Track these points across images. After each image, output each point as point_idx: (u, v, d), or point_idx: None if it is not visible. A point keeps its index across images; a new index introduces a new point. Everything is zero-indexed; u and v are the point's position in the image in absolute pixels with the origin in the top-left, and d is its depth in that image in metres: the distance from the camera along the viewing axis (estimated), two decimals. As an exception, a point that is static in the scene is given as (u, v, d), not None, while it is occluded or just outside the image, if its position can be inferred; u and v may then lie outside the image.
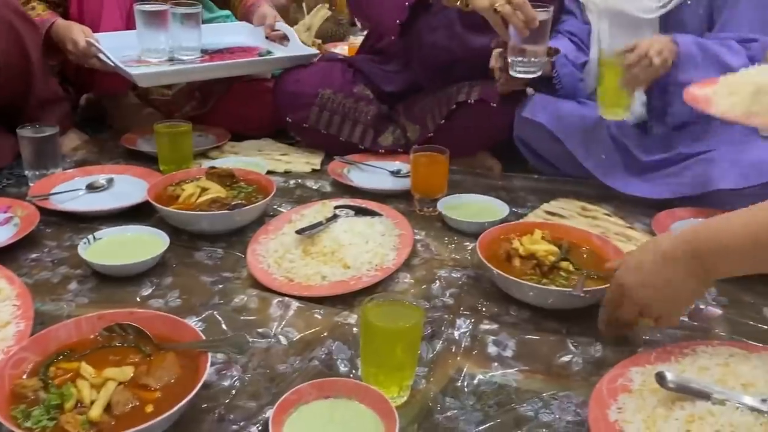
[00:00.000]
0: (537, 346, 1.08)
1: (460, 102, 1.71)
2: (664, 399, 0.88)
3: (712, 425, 0.83)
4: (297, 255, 1.25)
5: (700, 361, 0.96)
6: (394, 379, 0.93)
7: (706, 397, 0.86)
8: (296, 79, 1.83)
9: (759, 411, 0.84)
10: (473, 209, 1.53)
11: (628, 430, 0.86)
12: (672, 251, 0.95)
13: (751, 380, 0.90)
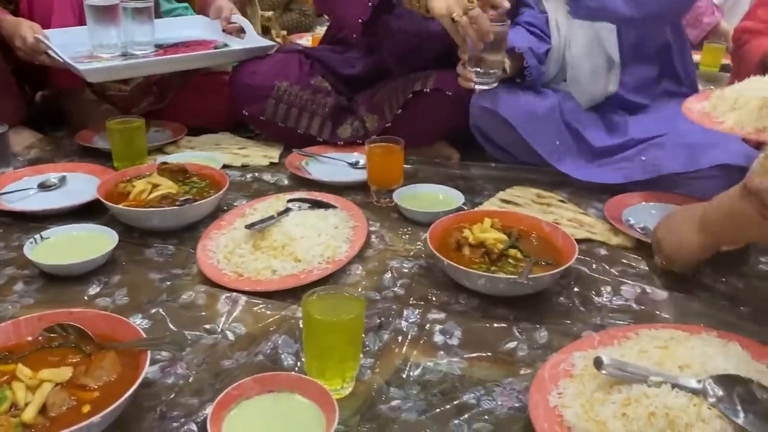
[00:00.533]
0: (483, 333, 1.09)
1: (417, 91, 1.71)
2: (603, 383, 0.89)
3: (647, 407, 0.84)
4: (247, 250, 1.24)
5: (641, 345, 0.98)
6: (336, 371, 0.93)
7: (642, 380, 0.87)
8: (252, 71, 1.81)
9: (694, 392, 0.85)
10: (429, 199, 1.53)
11: (567, 414, 0.87)
12: (692, 213, 1.18)
13: (688, 362, 0.91)
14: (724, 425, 0.82)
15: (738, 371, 0.89)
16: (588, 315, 1.14)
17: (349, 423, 0.90)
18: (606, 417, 0.84)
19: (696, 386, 0.86)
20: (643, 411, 0.83)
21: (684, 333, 1.01)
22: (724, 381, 0.86)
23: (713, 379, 0.86)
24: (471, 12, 1.41)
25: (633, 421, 0.83)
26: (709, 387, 0.85)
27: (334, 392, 0.94)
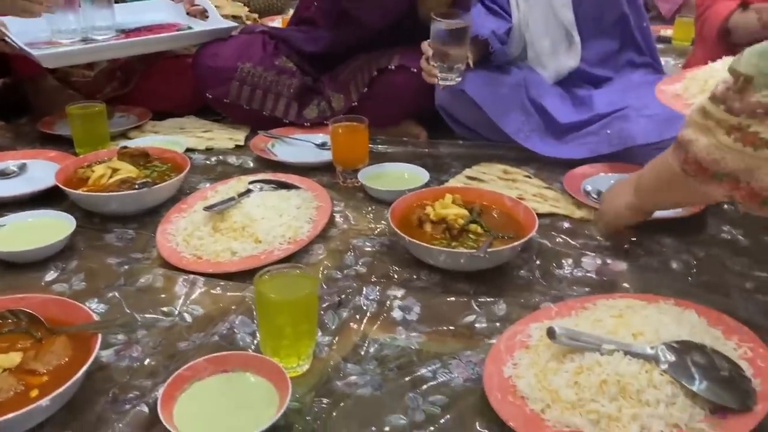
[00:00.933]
0: (442, 308, 1.09)
1: (382, 68, 1.69)
2: (557, 353, 0.90)
3: (599, 375, 0.84)
4: (206, 232, 1.23)
5: (596, 314, 0.98)
6: (291, 350, 0.93)
7: (595, 348, 0.88)
8: (214, 53, 1.79)
9: (646, 358, 0.86)
10: (395, 178, 1.52)
11: (520, 384, 0.88)
12: (630, 178, 1.18)
13: (641, 329, 0.91)
14: (675, 390, 0.82)
15: (692, 338, 0.90)
16: (548, 287, 1.14)
17: (304, 400, 0.90)
18: (558, 386, 0.85)
19: (648, 353, 0.86)
20: (595, 379, 0.84)
21: (641, 302, 1.02)
22: (676, 347, 0.87)
23: (666, 345, 0.87)
24: None
25: (585, 389, 0.83)
26: (661, 353, 0.86)
27: (290, 370, 0.94)
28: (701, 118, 0.89)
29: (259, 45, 1.82)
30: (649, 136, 1.50)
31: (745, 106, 0.83)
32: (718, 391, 0.82)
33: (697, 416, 0.81)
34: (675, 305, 1.01)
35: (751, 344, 0.92)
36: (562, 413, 0.82)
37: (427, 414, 0.87)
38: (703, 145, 0.89)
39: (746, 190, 0.86)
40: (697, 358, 0.86)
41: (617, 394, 0.82)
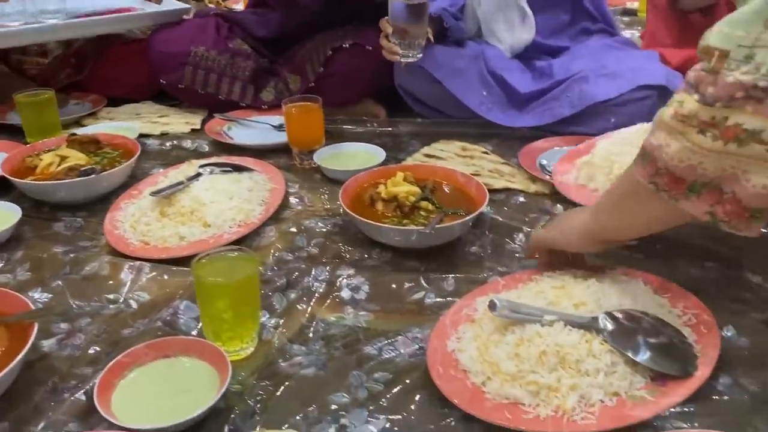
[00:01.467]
0: (391, 286, 1.08)
1: (336, 47, 1.67)
2: (500, 326, 0.89)
3: (539, 346, 0.83)
4: (153, 217, 1.22)
5: (540, 286, 0.97)
6: (234, 333, 0.92)
7: (537, 320, 0.87)
8: (166, 38, 1.76)
9: (585, 328, 0.85)
10: (351, 158, 1.51)
11: (462, 357, 0.87)
12: (586, 207, 1.00)
13: (583, 300, 0.91)
14: (615, 359, 0.82)
15: (635, 306, 0.90)
16: (498, 262, 1.14)
17: (246, 382, 0.89)
18: (499, 358, 0.84)
19: (588, 322, 0.86)
20: (535, 350, 0.83)
21: (586, 273, 1.00)
22: (617, 316, 0.87)
23: (607, 314, 0.87)
24: None
25: (525, 360, 0.83)
26: (602, 322, 0.86)
27: (234, 353, 0.93)
28: (671, 118, 0.73)
29: (212, 28, 1.79)
30: (609, 93, 1.51)
31: (720, 90, 0.68)
32: (658, 359, 0.82)
33: (638, 384, 0.81)
34: (621, 275, 1.01)
35: (696, 311, 0.92)
36: (502, 385, 0.82)
37: (369, 391, 0.87)
38: (674, 151, 0.74)
39: (731, 203, 0.72)
40: (638, 326, 0.86)
41: (557, 365, 0.82)
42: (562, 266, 1.02)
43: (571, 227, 0.97)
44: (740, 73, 0.66)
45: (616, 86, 1.51)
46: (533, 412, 0.79)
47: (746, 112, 0.67)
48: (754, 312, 0.98)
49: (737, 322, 0.94)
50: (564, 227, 0.99)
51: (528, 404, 0.80)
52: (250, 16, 1.85)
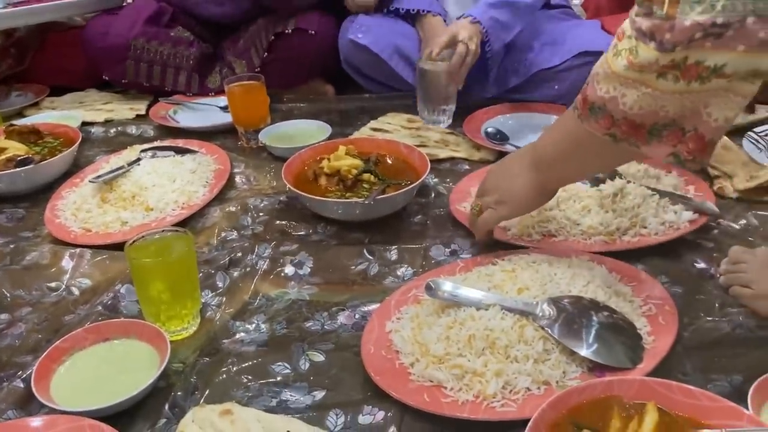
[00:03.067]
0: (335, 259, 1.08)
1: (279, 33, 1.66)
2: (438, 308, 0.88)
3: (469, 329, 0.82)
4: (94, 204, 1.20)
5: (489, 270, 0.96)
6: (172, 312, 0.92)
7: (476, 303, 0.86)
8: (103, 31, 1.69)
9: (522, 314, 0.83)
10: (297, 134, 1.50)
11: (396, 338, 0.87)
12: (521, 157, 0.97)
13: (528, 284, 0.89)
14: (549, 346, 0.80)
15: (586, 293, 0.88)
16: (441, 232, 1.15)
17: (188, 361, 0.89)
18: (429, 340, 0.83)
19: (525, 308, 0.84)
20: (464, 333, 0.82)
21: (549, 257, 0.98)
22: (561, 303, 0.84)
23: (550, 300, 0.85)
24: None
25: (453, 343, 0.82)
26: (540, 309, 0.83)
27: (175, 333, 0.93)
28: (625, 68, 0.73)
29: (152, 15, 1.73)
30: (552, 60, 1.55)
31: (678, 34, 0.67)
32: (599, 349, 0.80)
33: (572, 374, 0.79)
34: (588, 260, 0.97)
35: (660, 301, 0.89)
36: (427, 367, 0.81)
37: (311, 361, 0.88)
38: (632, 101, 0.74)
39: (693, 140, 0.74)
40: (582, 314, 0.83)
41: (485, 349, 0.80)
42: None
43: (519, 194, 0.96)
44: (696, 14, 0.66)
45: (559, 55, 1.55)
46: (453, 396, 0.78)
47: (706, 49, 0.67)
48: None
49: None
50: (509, 197, 0.97)
51: (450, 388, 0.78)
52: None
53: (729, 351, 0.86)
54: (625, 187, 1.11)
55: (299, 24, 1.66)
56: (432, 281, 0.88)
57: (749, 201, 1.17)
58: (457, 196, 1.21)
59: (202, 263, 1.08)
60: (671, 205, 1.09)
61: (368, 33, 1.63)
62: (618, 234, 1.06)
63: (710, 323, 0.91)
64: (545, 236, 1.08)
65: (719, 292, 0.97)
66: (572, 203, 1.11)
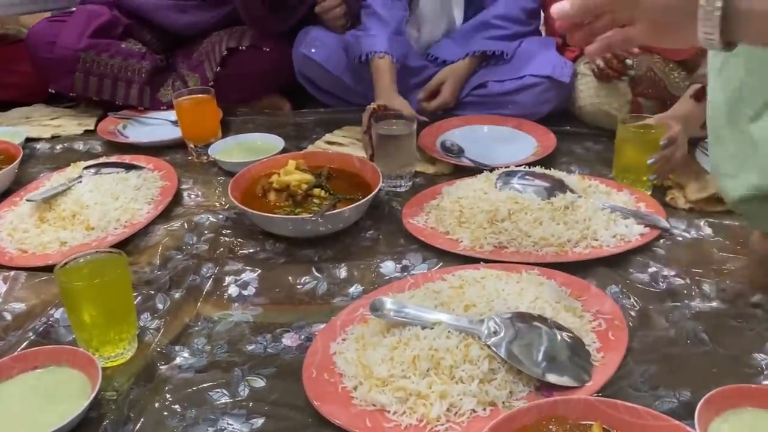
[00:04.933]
0: (282, 277, 1.05)
1: (232, 48, 1.62)
2: (384, 327, 0.85)
3: (413, 349, 0.79)
4: (31, 224, 1.16)
5: (437, 286, 0.93)
6: (105, 338, 0.87)
7: (420, 322, 0.83)
8: (50, 41, 1.62)
9: (469, 332, 0.81)
10: (249, 149, 1.47)
11: (339, 360, 0.84)
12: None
13: (475, 301, 0.87)
14: (495, 365, 0.78)
15: (532, 310, 0.86)
16: (392, 247, 1.12)
17: (122, 389, 0.85)
18: (373, 361, 0.80)
19: (471, 326, 0.81)
20: (409, 354, 0.79)
21: (498, 272, 0.96)
22: (508, 320, 0.82)
23: (497, 318, 0.82)
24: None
25: (398, 364, 0.79)
26: (486, 327, 0.81)
27: (110, 359, 0.89)
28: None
29: (102, 24, 1.67)
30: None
31: None
32: (547, 367, 0.78)
33: (520, 393, 0.77)
34: (539, 275, 0.96)
35: (610, 316, 0.88)
36: (370, 390, 0.78)
37: (251, 387, 0.84)
38: None
39: None
40: (529, 331, 0.81)
41: (429, 370, 0.78)
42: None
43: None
44: None
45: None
46: (396, 420, 0.75)
47: None
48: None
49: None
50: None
51: (393, 412, 0.76)
52: (160, 2, 1.74)
53: (678, 364, 0.85)
54: (576, 201, 1.10)
55: (253, 40, 1.63)
56: (377, 300, 0.86)
57: (701, 211, 1.17)
58: (410, 210, 1.19)
59: (143, 284, 1.04)
60: (622, 219, 1.08)
61: (322, 48, 1.61)
62: (569, 246, 1.05)
63: (660, 336, 0.90)
64: (497, 248, 1.07)
65: (670, 304, 0.96)
66: (524, 215, 1.09)
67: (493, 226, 1.08)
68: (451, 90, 1.53)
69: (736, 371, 0.83)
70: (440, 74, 1.56)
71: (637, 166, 1.22)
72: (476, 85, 1.57)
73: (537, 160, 1.34)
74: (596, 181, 1.21)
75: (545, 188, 1.14)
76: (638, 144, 1.22)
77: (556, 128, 1.49)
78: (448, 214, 1.14)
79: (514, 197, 1.12)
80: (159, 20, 1.74)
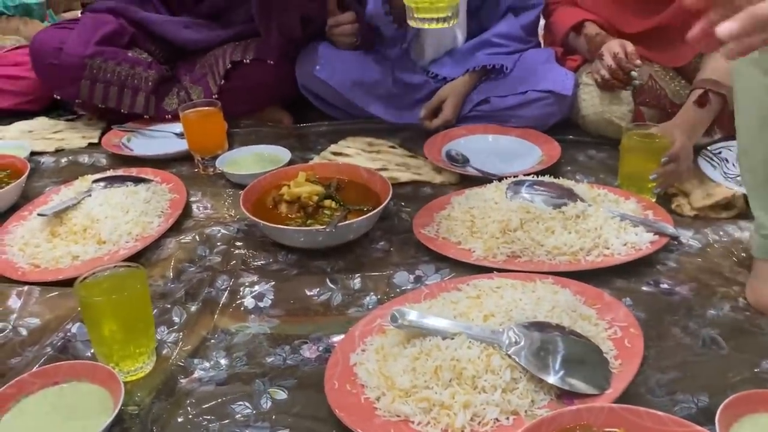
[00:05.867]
0: (297, 289, 1.06)
1: (236, 62, 1.63)
2: (404, 338, 0.86)
3: (435, 360, 0.80)
4: (43, 238, 1.15)
5: (455, 296, 0.94)
6: (125, 352, 0.88)
7: (441, 333, 0.83)
8: (56, 47, 1.61)
9: (489, 342, 0.82)
10: (255, 160, 1.48)
11: (361, 371, 0.84)
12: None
13: (493, 311, 0.88)
14: (517, 375, 0.79)
15: (550, 318, 0.86)
16: (404, 258, 1.13)
17: (143, 403, 0.85)
18: (395, 372, 0.81)
19: (491, 336, 0.82)
20: (431, 364, 0.80)
21: (513, 281, 0.97)
22: (527, 330, 0.83)
23: (516, 327, 0.83)
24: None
25: (420, 375, 0.80)
26: (506, 336, 0.82)
27: (130, 374, 0.89)
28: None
29: (108, 32, 1.66)
30: (505, 101, 1.56)
31: None
32: (567, 375, 0.79)
33: (541, 402, 0.78)
34: (552, 283, 0.97)
35: (625, 324, 0.89)
36: (394, 401, 0.78)
37: (273, 399, 0.85)
38: None
39: None
40: (548, 339, 0.82)
41: (452, 380, 0.78)
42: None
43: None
44: None
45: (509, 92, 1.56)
46: (421, 430, 0.75)
47: None
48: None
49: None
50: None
51: (418, 422, 0.76)
52: (163, 17, 1.74)
53: (695, 370, 0.86)
54: (586, 210, 1.11)
55: (257, 54, 1.63)
56: (396, 311, 0.86)
57: (706, 218, 1.19)
58: (421, 221, 1.20)
59: (158, 297, 1.04)
60: (632, 227, 1.10)
61: (326, 66, 1.61)
62: (582, 254, 1.06)
63: (675, 342, 0.91)
64: (510, 257, 1.08)
65: (684, 309, 0.97)
66: (536, 224, 1.10)
67: (506, 235, 1.09)
68: (452, 107, 1.55)
69: (752, 376, 0.84)
70: (441, 92, 1.58)
71: (642, 174, 1.24)
72: (479, 101, 1.58)
73: (543, 170, 1.35)
74: (604, 189, 1.22)
75: (555, 197, 1.15)
76: (643, 152, 1.24)
77: (559, 137, 1.51)
78: (459, 224, 1.15)
79: (525, 207, 1.13)
80: (164, 34, 1.74)
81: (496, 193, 1.19)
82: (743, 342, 0.90)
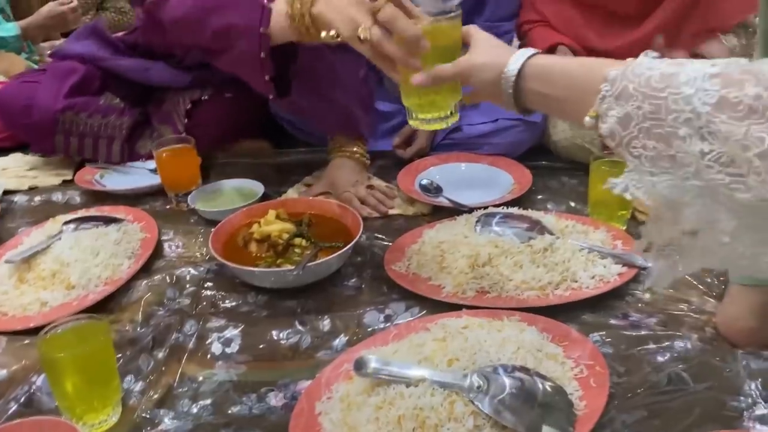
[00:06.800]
0: (265, 332, 1.05)
1: (195, 100, 1.62)
2: (369, 385, 0.85)
3: (399, 409, 0.79)
4: (10, 285, 1.14)
5: (421, 337, 0.94)
6: (88, 406, 0.87)
7: (404, 380, 0.83)
8: (26, 104, 1.58)
9: (452, 388, 0.81)
10: (230, 195, 1.47)
11: (325, 421, 0.84)
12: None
13: (458, 355, 0.87)
14: (480, 422, 0.78)
15: (514, 360, 0.86)
16: (375, 296, 1.12)
17: (107, 459, 0.84)
18: (359, 422, 0.80)
19: (455, 381, 0.81)
20: (394, 413, 0.79)
21: (480, 320, 0.96)
22: (490, 373, 0.82)
23: (480, 371, 0.82)
24: (381, 15, 0.94)
25: (384, 425, 0.79)
26: (469, 381, 0.81)
27: (95, 427, 0.88)
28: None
29: (77, 82, 1.63)
30: (479, 129, 1.58)
31: None
32: (530, 421, 0.78)
33: None
34: (519, 321, 0.97)
35: (591, 362, 0.89)
36: None
37: (238, 452, 0.84)
38: None
39: None
40: (511, 383, 0.81)
41: (415, 429, 0.77)
42: None
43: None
44: None
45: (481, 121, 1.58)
46: None
47: None
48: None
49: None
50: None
51: None
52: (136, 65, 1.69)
53: (660, 409, 0.86)
54: (554, 243, 1.11)
55: (214, 89, 1.62)
56: (360, 359, 0.86)
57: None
58: (392, 256, 1.20)
59: (126, 344, 1.03)
60: (600, 259, 1.10)
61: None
62: (550, 288, 1.06)
63: (641, 378, 0.91)
64: (479, 292, 1.08)
65: (654, 345, 0.97)
66: (504, 259, 1.10)
67: (475, 270, 1.09)
68: (425, 135, 1.55)
69: (718, 415, 0.84)
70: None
71: (611, 202, 1.24)
72: (451, 129, 1.59)
73: (514, 198, 1.36)
74: (572, 220, 1.22)
75: (524, 230, 1.16)
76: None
77: (531, 163, 1.51)
78: (429, 259, 1.15)
79: (494, 241, 1.13)
80: (131, 78, 1.69)
81: (465, 227, 1.19)
82: (709, 378, 0.90)
